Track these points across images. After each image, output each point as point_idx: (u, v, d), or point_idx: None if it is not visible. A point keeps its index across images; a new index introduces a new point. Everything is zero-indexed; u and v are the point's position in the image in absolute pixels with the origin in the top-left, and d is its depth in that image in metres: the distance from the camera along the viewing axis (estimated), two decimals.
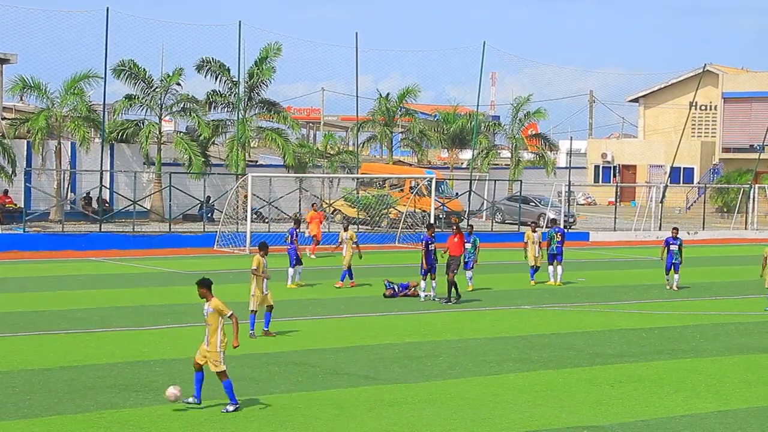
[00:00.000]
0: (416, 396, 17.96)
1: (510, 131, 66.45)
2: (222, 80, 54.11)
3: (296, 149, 56.17)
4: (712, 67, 80.00)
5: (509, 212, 59.18)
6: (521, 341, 23.77)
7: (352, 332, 24.55)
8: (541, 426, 16.10)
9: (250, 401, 17.27)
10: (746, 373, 20.72)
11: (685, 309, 29.70)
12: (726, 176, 76.33)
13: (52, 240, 43.15)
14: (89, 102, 51.90)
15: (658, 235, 57.60)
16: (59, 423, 15.69)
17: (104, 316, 26.11)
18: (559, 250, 34.64)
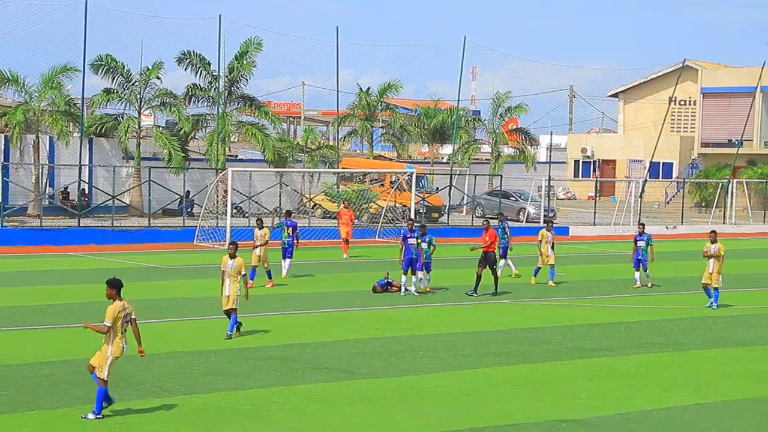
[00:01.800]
0: (396, 390, 17.98)
1: (490, 126, 66.55)
2: (202, 74, 53.98)
3: (276, 144, 56.08)
4: (692, 63, 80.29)
5: (489, 207, 59.24)
6: (501, 335, 23.83)
7: (333, 327, 24.55)
8: (520, 420, 16.15)
9: (230, 396, 17.26)
10: (724, 367, 20.83)
11: (663, 303, 29.83)
12: (705, 171, 76.65)
13: (31, 235, 42.98)
14: (68, 96, 51.70)
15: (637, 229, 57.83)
16: (37, 418, 15.64)
17: (83, 311, 25.99)
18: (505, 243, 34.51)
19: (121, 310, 15.75)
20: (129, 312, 15.88)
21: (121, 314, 15.74)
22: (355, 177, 56.70)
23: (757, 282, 35.75)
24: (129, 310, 15.87)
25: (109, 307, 15.73)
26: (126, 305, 15.84)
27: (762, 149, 77.91)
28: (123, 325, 15.77)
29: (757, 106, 75.44)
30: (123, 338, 15.82)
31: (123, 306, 15.79)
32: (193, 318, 25.37)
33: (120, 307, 15.75)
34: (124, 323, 15.78)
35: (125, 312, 15.81)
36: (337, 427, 15.48)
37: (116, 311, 15.67)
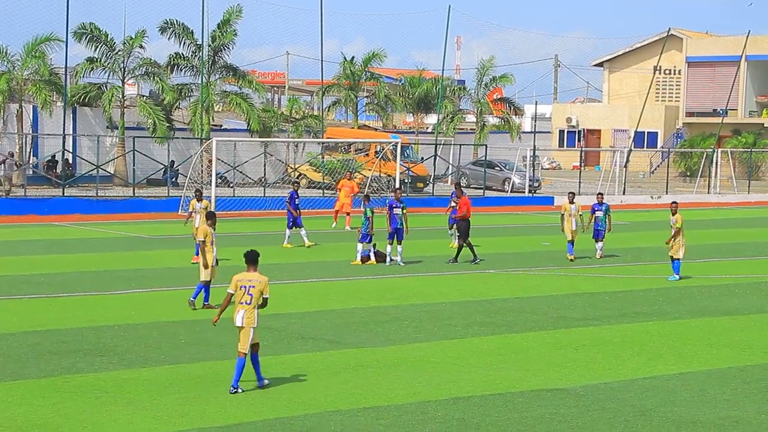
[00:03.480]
0: (381, 360, 18.02)
1: (475, 96, 66.45)
2: (185, 43, 53.72)
3: (261, 114, 55.90)
4: (676, 32, 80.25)
5: (474, 177, 59.28)
6: (486, 305, 23.87)
7: (318, 297, 24.57)
8: (505, 389, 16.19)
9: (216, 365, 17.26)
10: (708, 336, 20.92)
11: (648, 273, 29.91)
12: (689, 140, 76.71)
13: (15, 204, 42.82)
14: (51, 65, 51.38)
15: (622, 199, 57.99)
16: (23, 388, 15.62)
17: (67, 280, 25.98)
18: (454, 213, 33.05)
19: (241, 281, 15.60)
20: (249, 285, 15.57)
21: (240, 284, 15.60)
22: (340, 147, 56.58)
23: (742, 251, 35.87)
24: (251, 283, 15.57)
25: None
26: (249, 278, 15.60)
27: (747, 119, 78.03)
28: (243, 296, 15.56)
29: (742, 75, 75.48)
30: (240, 309, 15.53)
31: (245, 277, 15.62)
32: (178, 288, 25.32)
33: (241, 277, 15.63)
34: (245, 294, 15.54)
35: (244, 283, 15.59)
36: (322, 395, 15.50)
37: (236, 281, 15.62)
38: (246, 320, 15.50)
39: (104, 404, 14.85)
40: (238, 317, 15.54)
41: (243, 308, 15.53)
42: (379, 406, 15.04)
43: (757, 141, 74.78)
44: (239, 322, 15.54)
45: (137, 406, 14.80)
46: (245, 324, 15.51)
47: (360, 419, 14.39)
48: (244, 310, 15.51)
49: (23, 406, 14.66)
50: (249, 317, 15.50)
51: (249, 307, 15.50)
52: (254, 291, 15.53)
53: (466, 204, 31.09)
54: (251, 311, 15.50)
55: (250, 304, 15.50)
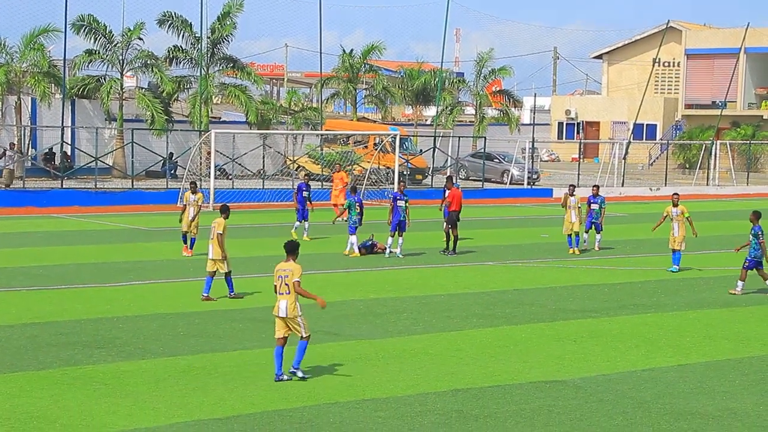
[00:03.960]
0: (380, 352, 18.02)
1: (474, 88, 66.42)
2: (184, 36, 53.66)
3: (259, 106, 55.88)
4: (675, 24, 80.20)
5: (473, 169, 59.30)
6: (485, 297, 23.87)
7: (316, 289, 24.39)
8: (503, 381, 16.20)
9: (214, 357, 17.27)
10: (706, 328, 20.93)
11: (646, 264, 29.92)
12: (688, 132, 76.74)
13: (13, 196, 42.80)
14: (49, 57, 51.34)
15: (621, 191, 58.00)
16: (22, 380, 15.63)
17: (66, 272, 25.98)
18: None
19: (279, 270, 15.93)
20: (284, 275, 15.88)
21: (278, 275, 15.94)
22: (339, 139, 56.58)
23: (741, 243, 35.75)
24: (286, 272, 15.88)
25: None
26: (285, 267, 15.92)
27: (745, 111, 78.03)
28: (281, 286, 15.86)
29: (741, 67, 75.46)
30: (281, 299, 15.85)
31: (282, 267, 15.94)
32: (176, 280, 25.34)
33: (278, 267, 15.99)
34: (283, 284, 15.85)
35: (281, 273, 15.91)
36: (320, 387, 15.51)
37: (275, 271, 15.98)
38: (289, 311, 15.82)
39: (103, 396, 14.86)
40: (281, 308, 15.87)
41: (284, 298, 15.86)
42: (378, 398, 15.05)
43: (755, 133, 74.81)
44: (282, 312, 15.85)
45: (136, 397, 14.81)
46: (289, 314, 15.82)
47: (359, 411, 14.40)
48: (286, 300, 15.84)
49: (22, 398, 14.66)
50: (291, 307, 15.82)
51: (289, 297, 15.81)
52: (289, 280, 15.81)
53: (457, 196, 31.15)
54: (292, 300, 15.82)
55: (289, 294, 15.82)
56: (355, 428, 13.66)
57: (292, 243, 16.20)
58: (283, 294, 15.82)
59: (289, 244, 16.15)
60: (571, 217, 31.30)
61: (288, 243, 16.19)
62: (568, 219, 31.39)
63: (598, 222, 32.10)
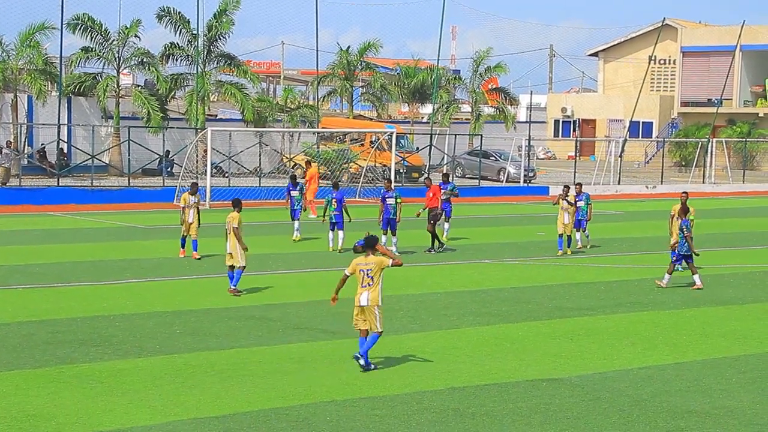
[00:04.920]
0: (376, 350, 17.99)
1: (470, 85, 66.42)
2: (181, 33, 53.62)
3: (256, 103, 55.85)
4: (671, 21, 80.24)
5: (469, 167, 59.32)
6: (481, 295, 23.88)
7: (313, 287, 24.55)
8: (500, 379, 16.21)
9: (210, 356, 17.26)
10: (703, 326, 20.95)
11: (643, 262, 29.93)
12: (684, 130, 76.81)
13: (9, 194, 42.76)
14: (45, 54, 51.30)
15: (617, 189, 58.03)
16: (17, 378, 15.61)
17: (62, 270, 25.96)
18: (448, 206, 32.59)
19: (360, 264, 16.57)
20: (367, 269, 16.50)
21: (359, 268, 16.55)
22: (335, 137, 56.56)
23: (737, 241, 35.92)
24: (369, 266, 16.51)
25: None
26: (367, 261, 16.52)
27: (741, 108, 78.09)
28: (364, 279, 16.50)
29: (737, 65, 75.51)
30: (363, 291, 16.48)
31: (362, 261, 16.59)
32: (173, 278, 25.33)
33: (359, 261, 16.64)
34: (365, 277, 16.49)
35: (363, 267, 16.54)
36: (317, 386, 15.50)
37: (355, 264, 16.65)
38: (371, 300, 16.46)
39: (99, 394, 14.85)
40: (363, 298, 16.51)
41: (366, 290, 16.50)
42: (375, 396, 15.05)
43: (751, 131, 74.92)
44: (364, 302, 16.50)
45: (132, 396, 14.80)
46: (371, 303, 16.45)
47: (355, 409, 14.40)
48: (368, 292, 16.50)
49: (18, 396, 14.64)
50: (374, 297, 16.47)
51: (372, 288, 16.48)
52: (373, 273, 16.46)
53: (437, 192, 31.35)
54: (375, 292, 16.46)
55: (372, 286, 16.47)
56: (352, 426, 13.66)
57: (371, 238, 16.79)
58: (365, 286, 16.52)
59: (369, 240, 16.74)
60: (564, 219, 30.80)
61: (368, 238, 16.76)
62: (561, 220, 30.90)
63: (585, 219, 31.93)
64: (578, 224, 31.92)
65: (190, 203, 28.36)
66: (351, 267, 16.75)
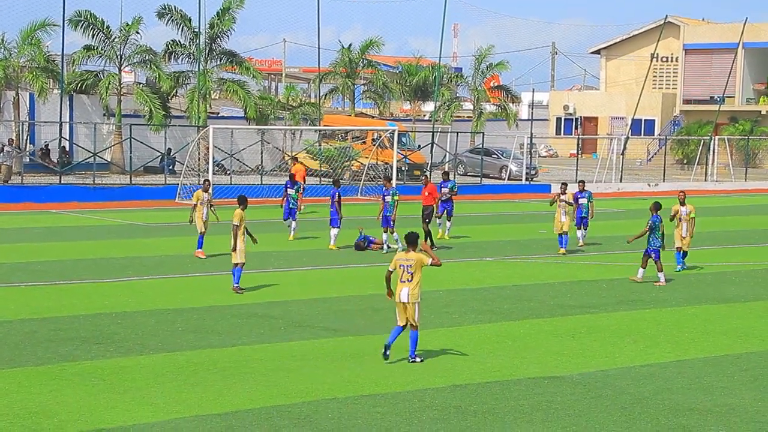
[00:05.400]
0: (378, 347, 17.98)
1: (472, 83, 66.41)
2: (183, 30, 53.60)
3: (258, 101, 55.83)
4: (674, 19, 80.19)
5: (471, 164, 59.31)
6: (483, 293, 23.88)
7: (315, 285, 24.57)
8: (502, 376, 16.21)
9: (212, 353, 17.27)
10: (704, 324, 20.94)
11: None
12: (686, 128, 76.79)
13: (11, 192, 42.77)
14: (47, 52, 51.30)
15: (619, 186, 58.02)
16: (20, 375, 15.62)
17: (64, 268, 25.97)
18: (450, 204, 33.02)
19: (400, 260, 16.90)
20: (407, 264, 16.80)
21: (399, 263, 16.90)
22: (337, 134, 56.54)
23: (739, 239, 35.91)
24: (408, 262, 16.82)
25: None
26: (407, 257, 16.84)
27: (744, 106, 78.05)
28: (404, 274, 16.80)
29: (739, 62, 75.48)
30: (403, 287, 16.75)
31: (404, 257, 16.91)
32: (175, 275, 25.34)
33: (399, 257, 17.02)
34: (405, 273, 16.80)
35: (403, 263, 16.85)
36: (319, 383, 15.51)
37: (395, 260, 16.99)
38: (411, 296, 16.71)
39: (101, 392, 14.85)
40: (403, 294, 16.74)
41: (406, 285, 16.75)
42: (377, 394, 15.05)
43: (754, 128, 74.88)
44: (404, 298, 16.74)
45: (134, 393, 14.81)
46: (410, 300, 16.71)
47: (357, 407, 14.40)
48: (408, 288, 16.74)
49: (20, 394, 14.65)
50: (413, 293, 16.72)
51: (411, 284, 16.72)
52: (412, 269, 16.71)
53: (433, 191, 31.53)
54: (414, 288, 16.72)
55: (411, 281, 16.72)
56: (354, 424, 13.67)
57: (413, 234, 17.06)
58: (405, 282, 16.77)
59: (410, 236, 17.03)
60: (561, 217, 30.53)
61: (409, 234, 17.06)
62: (558, 218, 30.66)
63: (587, 217, 31.91)
64: (580, 222, 31.91)
65: (204, 200, 28.25)
66: (392, 263, 17.04)
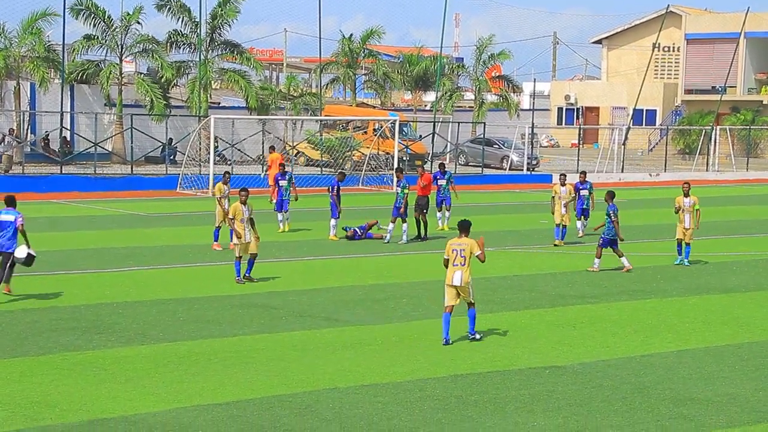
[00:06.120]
0: (379, 338, 18.04)
1: (473, 73, 66.34)
2: (184, 20, 53.54)
3: (259, 91, 55.80)
4: (675, 8, 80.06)
5: (473, 154, 59.28)
6: (484, 283, 23.84)
7: (315, 275, 24.58)
8: (503, 366, 16.22)
9: (213, 343, 17.29)
10: (705, 314, 20.95)
11: (645, 250, 29.90)
12: (688, 118, 76.69)
13: (13, 182, 42.74)
14: (48, 42, 51.25)
15: (620, 177, 57.99)
16: (22, 365, 15.64)
17: (66, 258, 25.98)
18: (447, 195, 32.85)
19: (453, 245, 17.60)
20: (460, 249, 17.50)
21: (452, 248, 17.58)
22: (338, 124, 56.51)
23: (740, 229, 35.91)
24: (461, 247, 17.54)
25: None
26: (460, 242, 17.61)
27: (745, 96, 77.95)
28: (457, 258, 17.49)
29: (741, 52, 75.36)
30: (456, 270, 17.41)
31: (457, 242, 17.63)
32: (176, 266, 25.35)
33: (453, 242, 17.71)
34: (458, 257, 17.49)
35: (456, 247, 17.56)
36: (319, 373, 15.53)
37: (449, 245, 17.67)
38: (464, 280, 17.44)
39: (102, 381, 14.87)
40: (456, 277, 17.44)
41: (459, 269, 17.43)
42: (377, 384, 15.06)
43: (755, 118, 74.79)
44: (457, 281, 17.44)
45: (135, 383, 14.83)
46: (463, 282, 17.43)
47: (358, 397, 14.42)
48: (461, 271, 17.44)
49: (21, 383, 14.68)
50: (466, 277, 17.45)
51: (464, 268, 17.43)
52: (465, 253, 17.44)
53: (429, 181, 31.58)
54: (466, 271, 17.45)
55: (464, 265, 17.43)
56: (355, 413, 13.68)
57: (465, 221, 17.82)
58: (458, 265, 17.42)
59: (463, 223, 17.80)
60: (561, 209, 30.24)
61: (462, 221, 17.82)
62: (558, 210, 30.44)
63: (588, 208, 31.76)
64: (581, 213, 31.87)
65: (225, 193, 27.99)
66: (447, 249, 17.60)
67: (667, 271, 26.14)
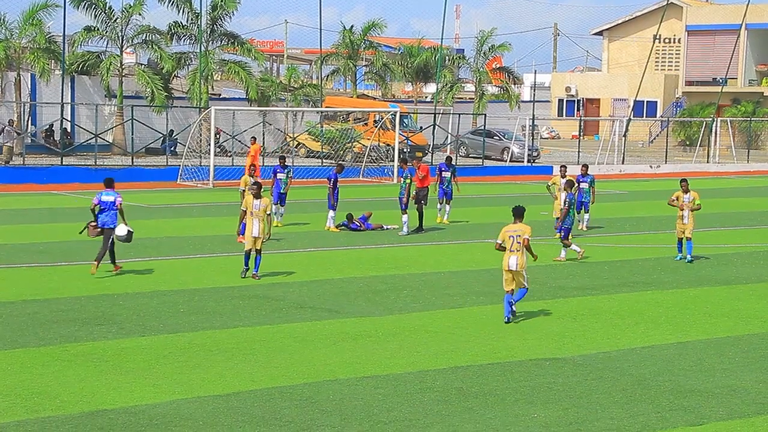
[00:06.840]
0: (380, 329, 18.05)
1: (474, 65, 66.28)
2: (184, 11, 53.50)
3: (259, 83, 55.77)
4: (676, 0, 79.91)
5: (473, 146, 59.27)
6: (484, 275, 23.89)
7: (316, 266, 24.58)
8: (503, 358, 16.23)
9: (214, 335, 17.29)
10: (706, 305, 20.95)
11: (646, 242, 29.92)
12: (689, 110, 76.62)
13: (13, 173, 42.77)
14: (49, 33, 51.21)
15: (621, 168, 57.96)
16: (22, 356, 15.65)
17: (66, 249, 25.98)
18: (450, 188, 32.88)
19: (509, 231, 18.61)
20: (515, 234, 18.51)
21: (508, 234, 18.53)
22: (339, 116, 56.48)
23: (741, 221, 35.90)
24: (517, 233, 18.55)
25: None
26: (515, 228, 18.68)
27: (746, 87, 77.87)
28: (513, 244, 18.41)
29: (742, 43, 75.24)
30: (512, 255, 18.43)
31: (512, 228, 18.67)
32: (176, 257, 25.36)
33: (508, 228, 18.70)
34: (514, 243, 18.42)
35: (512, 234, 18.55)
36: (320, 364, 15.53)
37: (504, 231, 18.66)
38: (519, 265, 18.43)
39: (103, 373, 14.88)
40: (513, 262, 18.41)
41: (515, 254, 18.43)
42: (378, 375, 15.07)
43: (756, 110, 74.73)
44: (513, 266, 18.40)
45: (136, 374, 14.83)
46: (519, 267, 18.44)
47: (358, 388, 14.43)
48: (516, 256, 18.43)
49: (22, 375, 14.68)
50: (521, 262, 18.45)
51: (519, 253, 18.43)
52: (521, 239, 18.38)
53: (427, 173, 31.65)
54: (522, 256, 18.45)
55: (520, 251, 18.40)
56: (355, 405, 13.69)
57: (520, 207, 18.90)
58: (514, 251, 18.39)
59: (518, 209, 18.87)
60: (561, 203, 29.21)
61: (516, 207, 18.89)
62: (558, 203, 29.94)
63: (588, 201, 31.50)
64: (580, 206, 31.73)
65: (250, 184, 27.86)
66: (501, 235, 18.59)
67: (667, 263, 26.12)
